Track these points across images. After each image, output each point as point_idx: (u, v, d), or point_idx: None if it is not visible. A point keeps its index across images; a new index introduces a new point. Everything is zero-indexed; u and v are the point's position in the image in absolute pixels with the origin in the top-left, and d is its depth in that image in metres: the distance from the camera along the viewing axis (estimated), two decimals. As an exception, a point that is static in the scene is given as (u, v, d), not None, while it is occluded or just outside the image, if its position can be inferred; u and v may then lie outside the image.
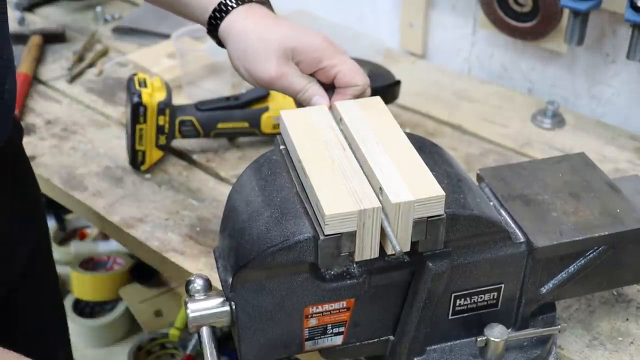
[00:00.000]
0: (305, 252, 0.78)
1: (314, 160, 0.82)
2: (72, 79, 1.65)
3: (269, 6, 1.00)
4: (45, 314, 1.19)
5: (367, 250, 0.78)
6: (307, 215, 0.79)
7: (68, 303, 2.19)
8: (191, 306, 0.83)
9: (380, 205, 0.76)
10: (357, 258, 0.79)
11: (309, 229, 0.78)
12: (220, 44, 0.99)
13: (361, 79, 0.93)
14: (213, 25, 0.97)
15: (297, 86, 0.93)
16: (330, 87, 0.95)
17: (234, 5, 0.95)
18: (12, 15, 1.89)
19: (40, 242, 1.16)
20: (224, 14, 0.95)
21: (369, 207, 0.76)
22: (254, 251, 0.79)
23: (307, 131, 0.87)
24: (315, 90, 0.94)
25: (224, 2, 0.95)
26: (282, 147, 0.90)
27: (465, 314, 0.90)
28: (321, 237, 0.76)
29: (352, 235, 0.76)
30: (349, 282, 0.83)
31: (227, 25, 0.95)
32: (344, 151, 0.85)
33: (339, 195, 0.77)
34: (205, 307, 0.83)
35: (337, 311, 0.85)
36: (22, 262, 1.07)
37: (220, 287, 0.86)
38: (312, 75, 0.95)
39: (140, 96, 1.28)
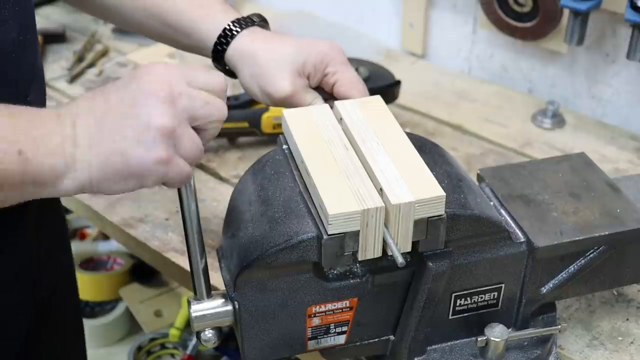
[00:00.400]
0: (308, 251, 0.78)
1: (316, 160, 0.83)
2: (72, 79, 1.65)
3: (268, 28, 1.03)
4: (64, 306, 1.19)
5: (370, 249, 0.78)
6: (310, 214, 0.80)
7: (68, 303, 2.19)
8: (194, 307, 0.83)
9: (384, 205, 0.77)
10: (360, 257, 0.79)
11: (313, 228, 0.78)
12: (226, 71, 1.01)
13: (358, 94, 0.95)
14: (219, 51, 0.99)
15: (305, 102, 0.96)
16: (331, 98, 0.97)
17: (239, 30, 0.98)
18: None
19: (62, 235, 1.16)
20: (229, 39, 0.98)
21: (372, 206, 0.76)
22: (257, 251, 0.79)
23: (310, 130, 0.88)
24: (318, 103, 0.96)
25: (228, 27, 0.98)
26: (284, 146, 0.90)
27: (466, 314, 0.91)
28: (325, 237, 0.76)
29: (355, 234, 0.77)
30: (352, 281, 0.83)
31: (234, 49, 0.98)
32: (347, 150, 0.85)
33: (342, 194, 0.77)
34: (209, 307, 0.83)
35: (340, 311, 0.85)
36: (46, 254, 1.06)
37: (223, 287, 0.86)
38: (318, 83, 0.97)
39: (141, 96, 1.28)
